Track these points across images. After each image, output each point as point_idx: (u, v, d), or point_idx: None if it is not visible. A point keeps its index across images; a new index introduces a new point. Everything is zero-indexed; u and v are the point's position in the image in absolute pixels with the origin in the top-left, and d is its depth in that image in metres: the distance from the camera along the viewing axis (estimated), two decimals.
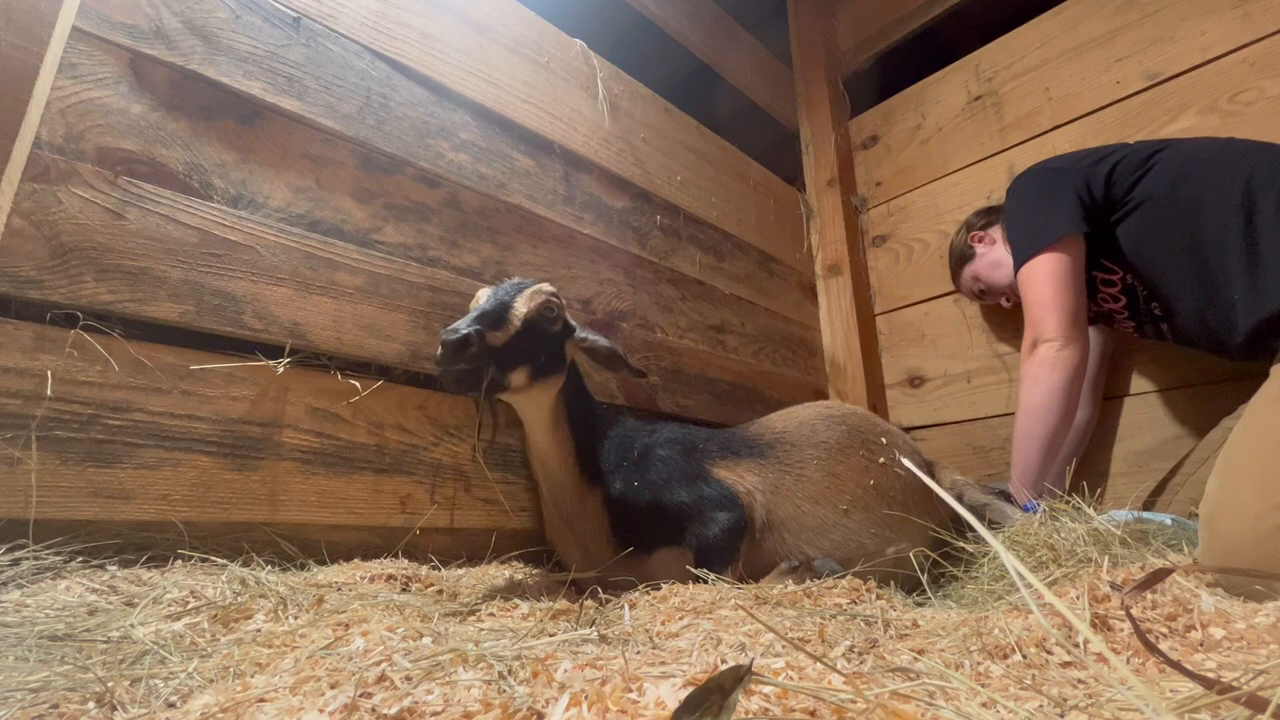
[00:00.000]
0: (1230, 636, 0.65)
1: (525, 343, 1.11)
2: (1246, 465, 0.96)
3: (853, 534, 1.34)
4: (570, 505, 1.25)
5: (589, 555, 1.25)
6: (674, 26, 2.25)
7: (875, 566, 1.24)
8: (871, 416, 1.61)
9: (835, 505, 1.34)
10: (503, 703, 0.46)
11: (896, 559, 1.33)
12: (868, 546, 1.34)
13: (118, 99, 1.03)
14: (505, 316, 1.10)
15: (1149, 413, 1.82)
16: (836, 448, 1.42)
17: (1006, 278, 1.85)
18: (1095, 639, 0.34)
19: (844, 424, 1.48)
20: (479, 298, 1.18)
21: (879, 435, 1.50)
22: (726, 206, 2.20)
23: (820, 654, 0.62)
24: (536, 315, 1.15)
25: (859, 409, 1.64)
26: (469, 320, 1.03)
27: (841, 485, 1.37)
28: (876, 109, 2.64)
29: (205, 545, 0.99)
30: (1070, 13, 2.10)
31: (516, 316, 1.11)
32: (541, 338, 1.16)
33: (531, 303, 1.15)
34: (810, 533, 1.31)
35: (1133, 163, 1.49)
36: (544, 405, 1.21)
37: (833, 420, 1.49)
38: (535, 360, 1.14)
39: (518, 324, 1.10)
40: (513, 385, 1.10)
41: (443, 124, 1.47)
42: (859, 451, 1.44)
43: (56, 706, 0.51)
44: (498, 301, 1.12)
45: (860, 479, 1.40)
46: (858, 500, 1.36)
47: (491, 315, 1.08)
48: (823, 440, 1.43)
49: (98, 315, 0.96)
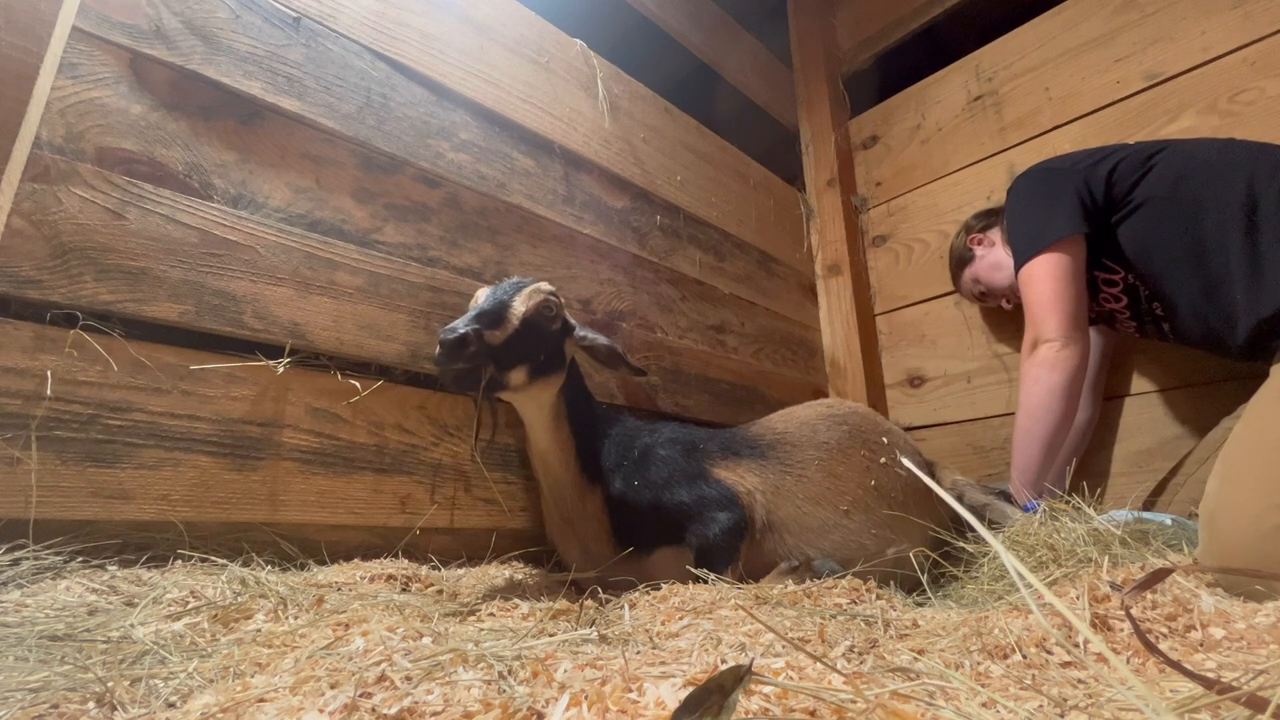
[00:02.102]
0: (1230, 636, 0.65)
1: (524, 341, 1.11)
2: (1246, 465, 0.96)
3: (853, 535, 1.34)
4: (571, 504, 1.25)
5: (589, 554, 1.25)
6: (674, 26, 2.25)
7: (875, 567, 1.24)
8: (873, 415, 1.60)
9: (836, 506, 1.34)
10: (503, 703, 0.46)
11: (897, 559, 1.33)
12: (868, 547, 1.34)
13: (118, 99, 1.03)
14: (504, 315, 1.10)
15: (1149, 413, 1.82)
16: (837, 448, 1.42)
17: (1007, 279, 1.85)
18: (1095, 639, 0.34)
19: (845, 424, 1.48)
20: (478, 297, 1.18)
21: (880, 435, 1.50)
22: (726, 206, 2.20)
23: (820, 654, 0.62)
24: (535, 314, 1.14)
25: (860, 407, 1.63)
26: (467, 319, 1.03)
27: (842, 486, 1.37)
28: (876, 109, 2.64)
29: (205, 545, 0.99)
30: (1070, 13, 2.10)
31: (515, 315, 1.11)
32: (540, 336, 1.16)
33: (530, 301, 1.14)
34: (811, 533, 1.31)
35: (1133, 163, 1.49)
36: (544, 404, 1.21)
37: (834, 420, 1.48)
38: (534, 359, 1.13)
39: (516, 323, 1.10)
40: (512, 384, 1.10)
41: (443, 124, 1.47)
42: (860, 451, 1.43)
43: (56, 706, 0.51)
44: (496, 300, 1.12)
45: (861, 479, 1.40)
46: (858, 501, 1.36)
47: (490, 314, 1.07)
48: (823, 440, 1.43)
49: (98, 315, 0.96)
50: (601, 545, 1.25)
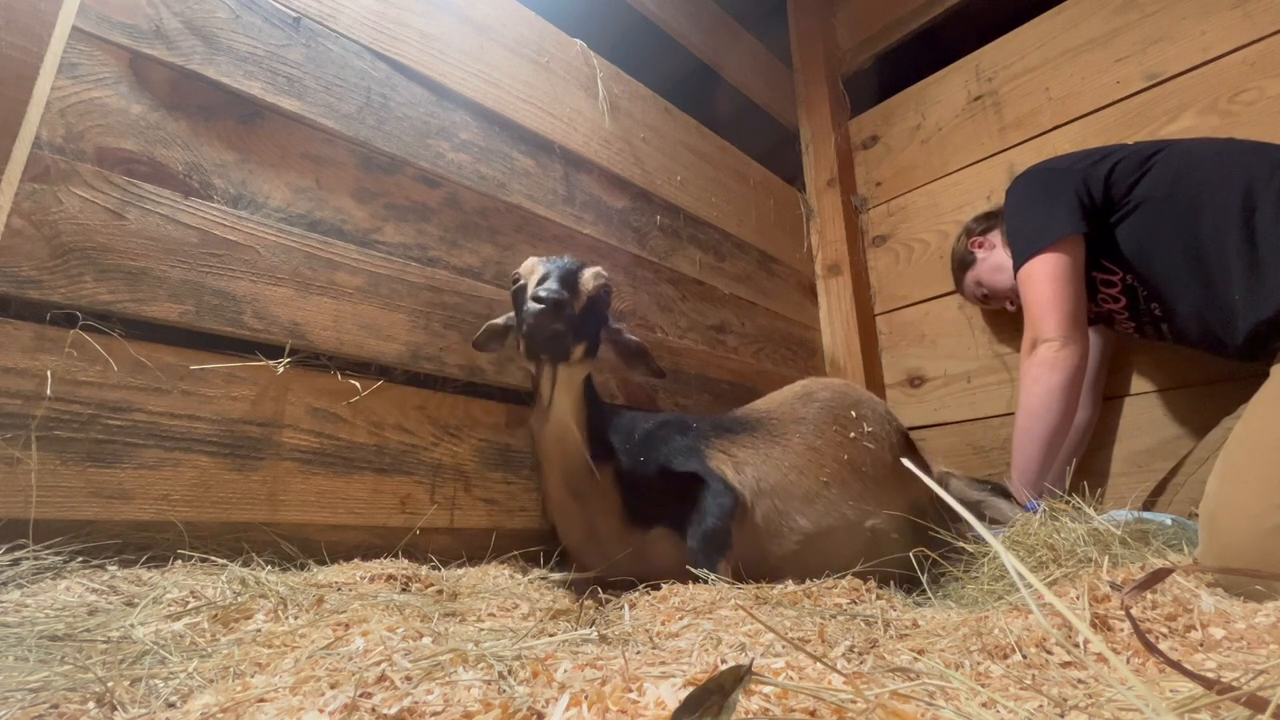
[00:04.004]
0: (1230, 636, 0.65)
1: (586, 318, 1.15)
2: (1246, 465, 0.96)
3: (834, 505, 1.40)
4: (584, 481, 1.27)
5: (595, 533, 1.28)
6: (674, 26, 2.25)
7: (876, 567, 1.24)
8: (847, 390, 1.64)
9: (816, 477, 1.41)
10: (503, 703, 0.46)
11: (895, 558, 1.33)
12: (849, 517, 1.40)
13: (118, 99, 1.03)
14: (576, 289, 1.13)
15: (1149, 413, 1.82)
16: (813, 423, 1.49)
17: (1008, 281, 1.85)
18: (1095, 639, 0.34)
19: (817, 400, 1.55)
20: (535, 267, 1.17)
21: (850, 409, 1.55)
22: (726, 206, 2.20)
23: (820, 654, 0.62)
24: (597, 295, 1.19)
25: (836, 382, 1.69)
26: (553, 286, 1.05)
27: (820, 459, 1.44)
28: (876, 109, 2.64)
29: (205, 545, 0.99)
30: (1070, 13, 2.10)
31: (584, 290, 1.15)
32: (594, 319, 1.20)
33: (594, 283, 1.18)
34: (797, 500, 1.37)
35: (1132, 164, 1.49)
36: (575, 383, 1.24)
37: (809, 397, 1.57)
38: (591, 337, 1.19)
39: (584, 299, 1.14)
40: (573, 357, 1.14)
41: (443, 124, 1.47)
42: (833, 427, 1.50)
43: (56, 706, 0.51)
44: (566, 270, 1.15)
45: (836, 453, 1.46)
46: (835, 474, 1.43)
47: (569, 284, 1.11)
48: (802, 416, 1.50)
49: (97, 315, 0.96)
50: (611, 520, 1.28)
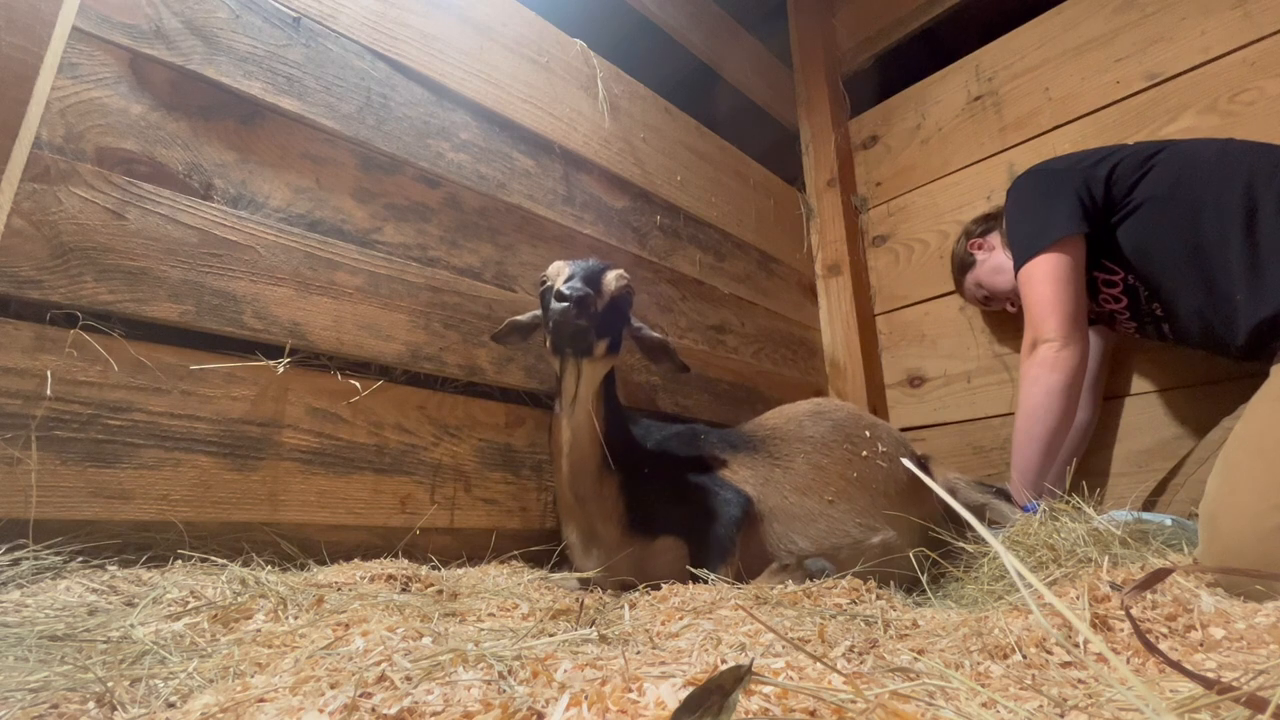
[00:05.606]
0: (1230, 636, 0.65)
1: (609, 316, 1.18)
2: (1246, 465, 0.96)
3: (838, 523, 1.40)
4: (589, 484, 1.27)
5: (595, 536, 1.28)
6: (674, 26, 2.25)
7: (875, 567, 1.24)
8: (859, 413, 1.65)
9: (821, 496, 1.41)
10: (503, 703, 0.46)
11: (896, 558, 1.34)
12: (853, 535, 1.40)
13: (118, 99, 1.03)
14: (599, 288, 1.16)
15: (1149, 413, 1.82)
16: (821, 442, 1.49)
17: (1008, 282, 1.85)
18: (1095, 639, 0.34)
19: (829, 419, 1.55)
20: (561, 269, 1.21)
21: (863, 429, 1.55)
22: (726, 206, 2.20)
23: (820, 654, 0.62)
24: (619, 295, 1.21)
25: (848, 405, 1.69)
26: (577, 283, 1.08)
27: (826, 477, 1.44)
28: (876, 109, 2.64)
29: (205, 545, 0.99)
30: (1070, 13, 2.10)
31: (607, 290, 1.18)
32: (617, 317, 1.23)
33: (617, 283, 1.21)
34: (797, 521, 1.37)
35: (1132, 164, 1.49)
36: (595, 382, 1.24)
37: (819, 416, 1.56)
38: (614, 334, 1.21)
39: (607, 297, 1.18)
40: (596, 352, 1.17)
41: (443, 124, 1.47)
42: (843, 445, 1.50)
43: (56, 706, 0.51)
44: (590, 271, 1.18)
45: (844, 471, 1.46)
46: (842, 492, 1.43)
47: (593, 282, 1.14)
48: (809, 435, 1.50)
49: (98, 315, 0.96)
50: (610, 527, 1.27)
